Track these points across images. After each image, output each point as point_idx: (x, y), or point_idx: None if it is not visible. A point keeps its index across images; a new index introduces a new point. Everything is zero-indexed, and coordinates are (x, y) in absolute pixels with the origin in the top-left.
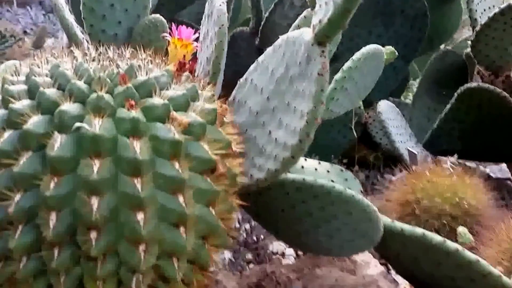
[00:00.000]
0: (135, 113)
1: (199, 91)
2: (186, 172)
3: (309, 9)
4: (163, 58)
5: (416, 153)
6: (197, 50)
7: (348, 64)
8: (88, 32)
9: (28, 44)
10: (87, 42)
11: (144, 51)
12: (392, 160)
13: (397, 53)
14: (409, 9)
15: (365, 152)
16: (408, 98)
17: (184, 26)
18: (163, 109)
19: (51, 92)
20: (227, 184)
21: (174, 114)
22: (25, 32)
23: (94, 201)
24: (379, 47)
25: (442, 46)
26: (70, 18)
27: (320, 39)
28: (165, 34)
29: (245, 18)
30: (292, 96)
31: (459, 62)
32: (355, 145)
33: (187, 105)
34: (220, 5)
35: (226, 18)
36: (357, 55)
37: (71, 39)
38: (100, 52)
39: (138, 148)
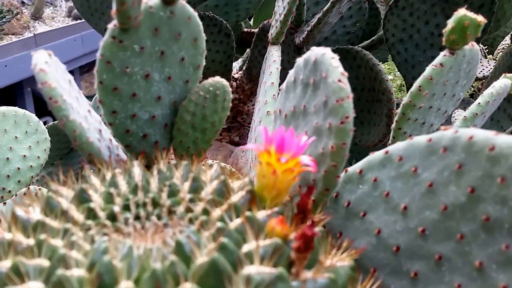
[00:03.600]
0: None
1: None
2: None
3: (446, 52)
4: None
5: None
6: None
7: (484, 99)
8: (109, 122)
9: (26, 15)
10: (109, 151)
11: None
12: None
13: None
14: None
15: None
16: None
17: (289, 133)
18: None
19: None
20: None
21: None
22: (23, 3)
23: None
24: (508, 81)
25: None
26: (83, 117)
27: None
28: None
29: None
30: (499, 262)
31: None
32: None
33: None
34: (340, 80)
35: (351, 105)
36: (491, 91)
37: (84, 151)
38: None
39: None
